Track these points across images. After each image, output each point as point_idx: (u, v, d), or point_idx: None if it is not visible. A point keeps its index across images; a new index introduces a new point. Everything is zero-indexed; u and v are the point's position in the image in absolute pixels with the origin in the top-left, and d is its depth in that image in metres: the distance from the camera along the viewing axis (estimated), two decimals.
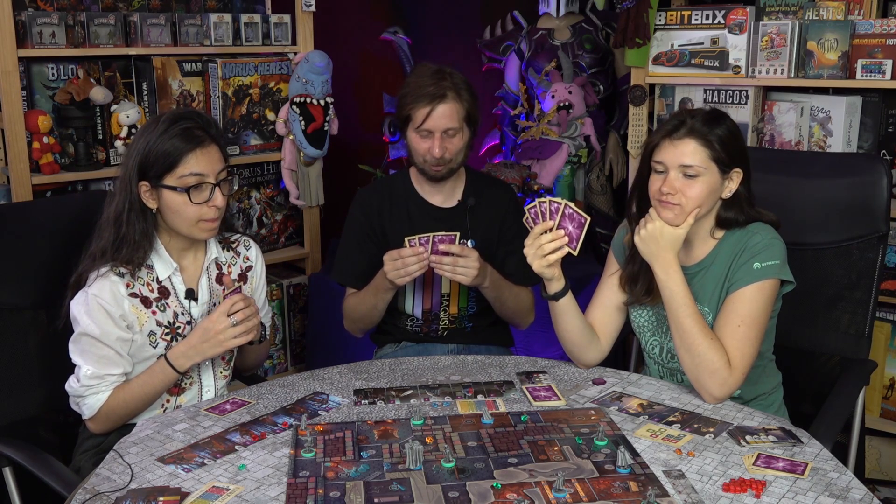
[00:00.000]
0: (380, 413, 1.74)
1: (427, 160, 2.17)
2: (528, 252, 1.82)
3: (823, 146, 2.70)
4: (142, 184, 1.81)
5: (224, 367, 2.00)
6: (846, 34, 2.58)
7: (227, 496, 1.42)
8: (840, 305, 2.15)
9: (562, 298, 1.88)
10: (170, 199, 1.81)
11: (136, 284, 1.84)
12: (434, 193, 2.28)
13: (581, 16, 3.89)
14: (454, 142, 2.16)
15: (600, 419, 1.68)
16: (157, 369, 1.84)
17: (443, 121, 2.13)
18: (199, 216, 1.83)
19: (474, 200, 2.26)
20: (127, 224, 1.81)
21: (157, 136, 1.80)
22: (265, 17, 3.27)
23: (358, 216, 2.31)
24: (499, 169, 3.64)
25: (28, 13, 2.69)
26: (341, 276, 2.33)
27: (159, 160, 1.79)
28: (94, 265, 1.82)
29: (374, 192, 2.33)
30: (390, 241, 2.25)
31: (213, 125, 1.89)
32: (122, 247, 1.81)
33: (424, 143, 2.16)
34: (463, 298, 2.29)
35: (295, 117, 3.21)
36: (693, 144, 1.78)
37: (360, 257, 2.29)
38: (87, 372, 1.79)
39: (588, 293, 2.02)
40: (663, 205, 1.80)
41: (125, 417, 1.85)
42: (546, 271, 1.83)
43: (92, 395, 1.81)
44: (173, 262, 1.89)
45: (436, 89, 2.12)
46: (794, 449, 1.55)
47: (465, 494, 1.40)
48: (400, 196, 2.30)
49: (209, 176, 1.82)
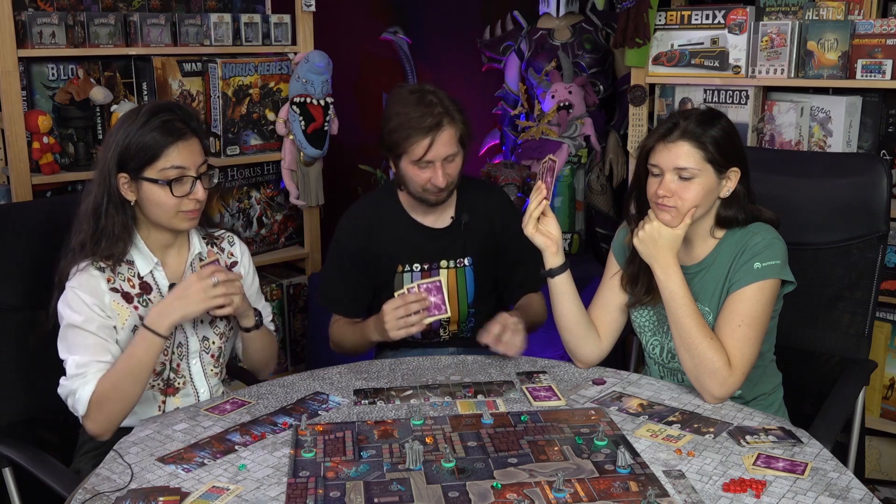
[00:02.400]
0: (380, 413, 1.74)
1: (428, 189, 2.10)
2: (523, 223, 1.88)
3: (823, 146, 2.70)
4: (121, 176, 1.78)
5: (213, 363, 1.95)
6: (846, 34, 2.58)
7: (227, 496, 1.42)
8: (840, 305, 2.15)
9: (558, 276, 1.89)
10: (150, 192, 1.79)
11: (117, 280, 1.82)
12: (426, 214, 2.20)
13: (581, 16, 3.89)
14: (454, 166, 2.10)
15: (600, 419, 1.68)
16: (137, 339, 1.76)
17: (443, 149, 2.05)
18: (179, 208, 1.80)
19: (468, 216, 2.20)
20: (106, 216, 1.79)
21: (137, 128, 1.77)
22: (265, 17, 3.27)
23: (344, 241, 2.23)
24: (499, 169, 3.64)
25: (28, 13, 2.69)
26: (326, 301, 2.28)
27: (140, 152, 1.76)
28: (74, 260, 1.80)
29: (360, 214, 2.24)
30: (381, 264, 2.20)
31: (195, 118, 1.86)
32: (101, 240, 1.79)
33: (424, 174, 2.08)
34: (463, 318, 2.25)
35: (295, 117, 3.21)
36: (687, 147, 1.78)
37: (345, 285, 2.23)
38: (72, 362, 1.75)
39: (588, 293, 2.01)
40: (660, 207, 1.80)
41: (120, 405, 1.75)
42: (538, 238, 1.87)
43: (80, 387, 1.74)
44: (154, 257, 1.86)
45: (432, 119, 2.02)
46: (794, 449, 1.55)
47: (465, 494, 1.40)
48: (389, 218, 2.22)
49: (190, 169, 1.80)
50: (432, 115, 2.03)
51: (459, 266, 2.22)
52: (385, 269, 2.20)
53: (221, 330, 1.95)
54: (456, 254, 2.21)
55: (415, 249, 2.20)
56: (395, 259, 2.20)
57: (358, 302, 2.26)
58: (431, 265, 2.21)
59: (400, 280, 2.20)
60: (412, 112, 2.04)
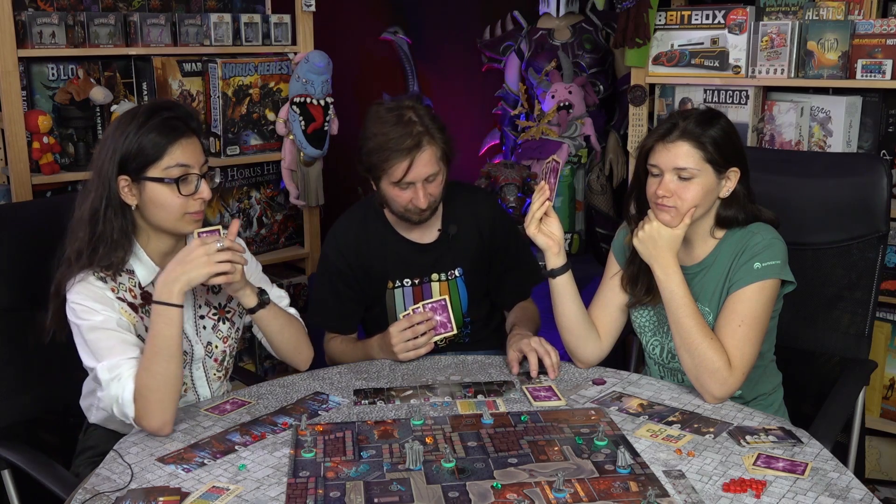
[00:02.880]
0: (380, 413, 1.74)
1: (409, 209, 2.05)
2: (525, 222, 1.87)
3: (823, 146, 2.70)
4: (121, 178, 1.71)
5: (216, 367, 1.92)
6: (846, 34, 2.58)
7: (227, 496, 1.42)
8: (840, 305, 2.15)
9: (559, 276, 1.89)
10: (154, 193, 1.72)
11: (119, 290, 1.76)
12: (412, 230, 2.16)
13: (581, 16, 3.89)
14: (435, 185, 2.04)
15: (600, 419, 1.68)
16: (154, 319, 1.67)
17: (423, 170, 1.98)
18: (185, 209, 1.75)
19: (456, 228, 2.16)
20: (104, 221, 1.71)
21: (136, 128, 1.71)
22: (265, 17, 3.27)
23: (332, 259, 2.18)
24: (499, 169, 3.64)
25: (28, 13, 2.69)
26: (319, 320, 2.24)
27: (142, 152, 1.70)
28: (71, 271, 1.72)
29: (347, 232, 2.19)
30: (372, 280, 2.17)
31: (194, 118, 1.81)
32: (98, 247, 1.71)
33: (405, 195, 2.02)
34: (458, 326, 2.20)
35: (295, 117, 3.21)
36: (686, 147, 1.78)
37: (336, 302, 2.20)
38: (102, 368, 1.66)
39: (588, 293, 2.01)
40: (660, 207, 1.81)
41: (163, 390, 1.63)
42: (540, 238, 1.87)
43: (120, 391, 1.64)
44: (155, 266, 1.79)
45: (411, 140, 1.95)
46: (794, 449, 1.55)
47: (465, 494, 1.40)
48: (376, 235, 2.17)
49: (194, 167, 1.74)
50: (411, 136, 1.96)
51: (451, 278, 2.20)
52: (375, 285, 2.18)
53: (225, 334, 1.93)
54: (446, 266, 2.19)
55: (404, 265, 2.17)
56: (384, 276, 2.17)
57: (350, 318, 2.23)
58: (422, 279, 2.18)
59: (391, 296, 2.18)
60: (391, 132, 1.97)
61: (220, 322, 1.91)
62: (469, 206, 2.22)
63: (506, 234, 2.24)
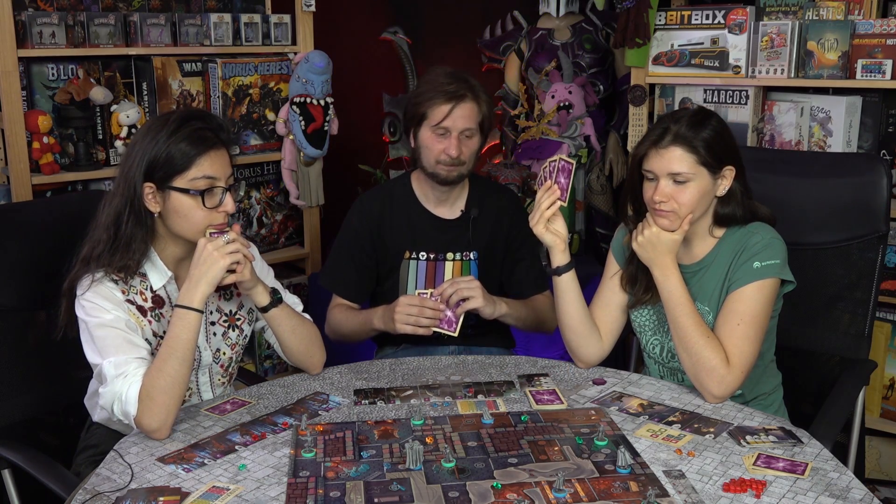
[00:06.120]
0: (380, 413, 1.74)
1: (441, 160, 2.12)
2: (531, 221, 1.88)
3: (823, 146, 2.70)
4: (146, 185, 1.71)
5: (222, 373, 1.92)
6: (846, 34, 2.58)
7: (227, 496, 1.42)
8: (840, 305, 2.15)
9: (564, 274, 1.89)
10: (178, 203, 1.72)
11: (130, 293, 1.77)
12: (437, 203, 2.24)
13: (581, 16, 3.89)
14: (470, 144, 2.14)
15: (600, 419, 1.68)
16: (174, 321, 1.68)
17: (461, 121, 2.10)
18: (208, 221, 1.74)
19: (477, 211, 2.23)
20: (126, 226, 1.72)
21: (167, 136, 1.70)
22: (265, 17, 3.27)
23: (356, 224, 2.25)
24: (499, 169, 3.64)
25: (28, 13, 2.69)
26: (330, 282, 2.29)
27: (170, 161, 1.70)
28: (87, 270, 1.73)
29: (374, 198, 2.28)
30: (389, 250, 2.22)
31: (226, 129, 1.80)
32: (116, 250, 1.71)
33: (440, 144, 2.11)
34: None
35: (295, 117, 3.21)
36: (679, 151, 1.78)
37: (351, 267, 2.25)
38: (109, 364, 1.66)
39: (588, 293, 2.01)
40: (658, 213, 1.81)
41: (170, 392, 1.63)
42: (547, 237, 1.87)
43: (126, 388, 1.63)
44: (168, 271, 1.80)
45: (456, 88, 2.10)
46: (794, 449, 1.55)
47: (465, 494, 1.40)
48: (401, 204, 2.25)
49: (220, 180, 1.74)
50: (458, 86, 2.10)
51: (465, 259, 2.25)
52: (392, 254, 2.22)
53: (234, 341, 1.93)
54: (462, 247, 2.23)
55: (423, 237, 2.22)
56: (402, 245, 2.22)
57: (361, 286, 2.27)
58: (437, 255, 2.23)
59: (406, 267, 2.23)
60: (442, 79, 2.12)
61: (229, 329, 1.92)
62: (494, 195, 2.31)
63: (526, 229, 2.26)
